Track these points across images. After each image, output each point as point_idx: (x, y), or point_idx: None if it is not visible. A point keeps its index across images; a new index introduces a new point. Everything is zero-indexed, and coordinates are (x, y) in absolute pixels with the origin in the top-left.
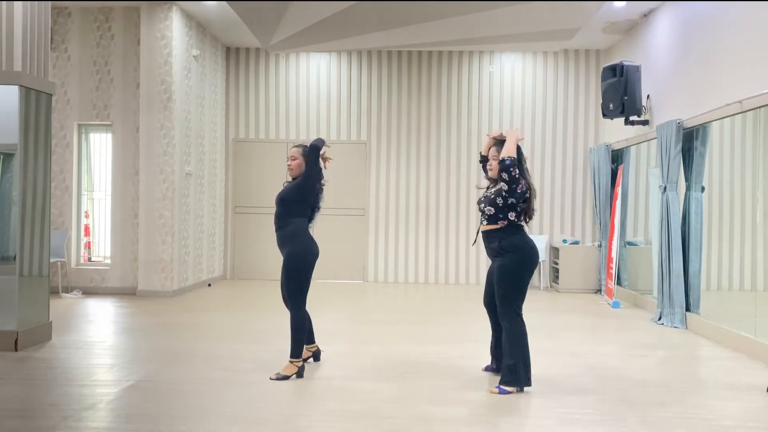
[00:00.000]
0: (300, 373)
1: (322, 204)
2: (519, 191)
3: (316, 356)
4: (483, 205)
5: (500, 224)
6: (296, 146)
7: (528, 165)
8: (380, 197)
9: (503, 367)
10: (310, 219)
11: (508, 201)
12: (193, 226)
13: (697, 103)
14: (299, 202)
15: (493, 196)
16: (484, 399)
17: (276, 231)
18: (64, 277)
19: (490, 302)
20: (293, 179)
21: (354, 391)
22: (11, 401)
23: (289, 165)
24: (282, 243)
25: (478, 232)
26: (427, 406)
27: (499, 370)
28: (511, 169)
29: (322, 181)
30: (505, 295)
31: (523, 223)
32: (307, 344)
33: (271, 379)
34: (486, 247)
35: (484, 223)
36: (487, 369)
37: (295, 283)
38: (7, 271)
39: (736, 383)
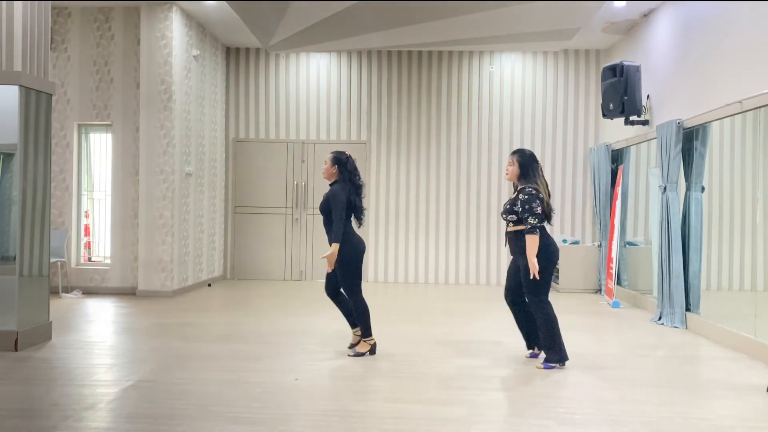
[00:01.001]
0: (373, 350)
1: (365, 206)
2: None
3: (372, 350)
4: (506, 215)
5: (526, 225)
6: (331, 152)
7: None
8: (380, 197)
9: (544, 348)
10: (358, 219)
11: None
12: (193, 226)
13: (697, 103)
14: (334, 210)
15: (509, 206)
16: (484, 399)
17: (326, 232)
18: (64, 277)
19: (512, 298)
20: (329, 184)
21: (354, 391)
22: (11, 401)
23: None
24: (330, 244)
25: (506, 235)
26: (427, 406)
27: (537, 353)
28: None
29: (361, 194)
30: (533, 290)
31: (544, 224)
32: (353, 328)
33: (348, 356)
34: (513, 245)
35: (511, 225)
36: (531, 356)
37: (350, 278)
38: (7, 271)
39: (736, 383)
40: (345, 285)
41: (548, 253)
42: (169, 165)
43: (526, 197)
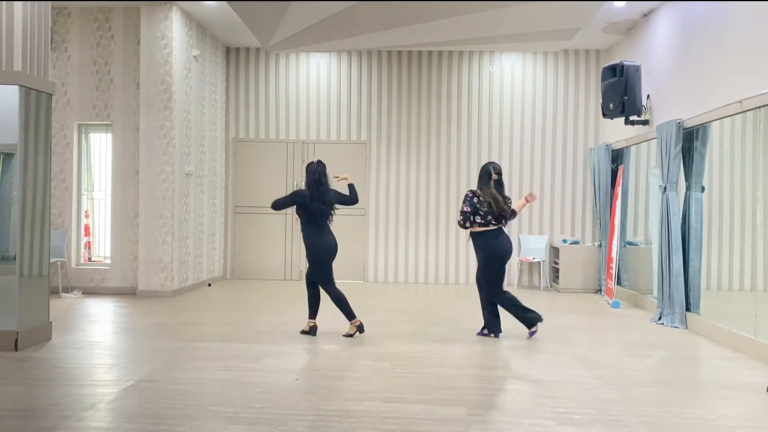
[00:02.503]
0: (361, 329)
1: (324, 209)
2: (465, 211)
3: (313, 331)
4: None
5: (480, 228)
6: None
7: (528, 165)
8: (380, 197)
9: (522, 321)
10: (318, 220)
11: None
12: (193, 226)
13: (697, 103)
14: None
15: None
16: (484, 399)
17: None
18: (64, 277)
19: (479, 284)
20: None
21: (354, 391)
22: (11, 401)
23: None
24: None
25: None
26: (427, 405)
27: (488, 333)
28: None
29: (317, 196)
30: (491, 282)
31: (489, 224)
32: (309, 317)
33: (343, 336)
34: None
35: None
36: (479, 334)
37: (317, 272)
38: (7, 271)
39: (736, 383)
40: (316, 278)
41: (496, 250)
42: (169, 165)
43: (463, 198)
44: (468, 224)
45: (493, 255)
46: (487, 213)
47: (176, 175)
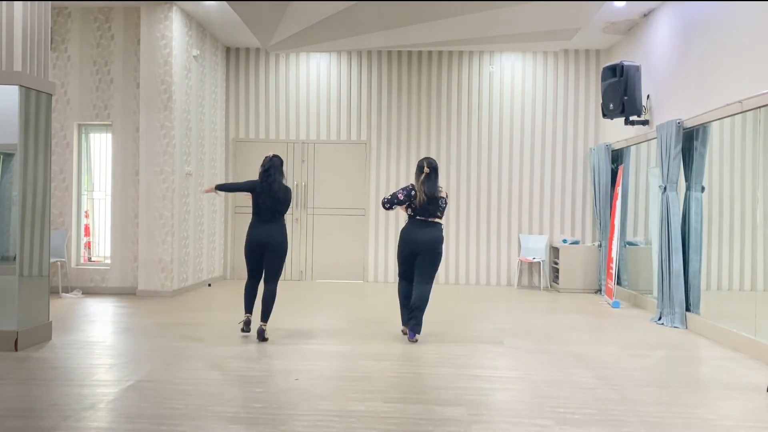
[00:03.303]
0: (242, 327)
1: (267, 202)
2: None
3: (247, 324)
4: None
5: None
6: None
7: (528, 165)
8: (380, 197)
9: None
10: (261, 212)
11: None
12: (193, 226)
13: (697, 103)
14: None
15: None
16: (484, 399)
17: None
18: (64, 277)
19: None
20: None
21: (354, 391)
22: (11, 401)
23: None
24: None
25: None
26: (427, 405)
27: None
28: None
29: (269, 190)
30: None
31: (415, 216)
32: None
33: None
34: None
35: None
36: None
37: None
38: (7, 271)
39: (736, 383)
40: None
41: (402, 234)
42: (169, 165)
43: (404, 186)
44: (389, 206)
45: (400, 239)
46: (416, 206)
47: (176, 175)
